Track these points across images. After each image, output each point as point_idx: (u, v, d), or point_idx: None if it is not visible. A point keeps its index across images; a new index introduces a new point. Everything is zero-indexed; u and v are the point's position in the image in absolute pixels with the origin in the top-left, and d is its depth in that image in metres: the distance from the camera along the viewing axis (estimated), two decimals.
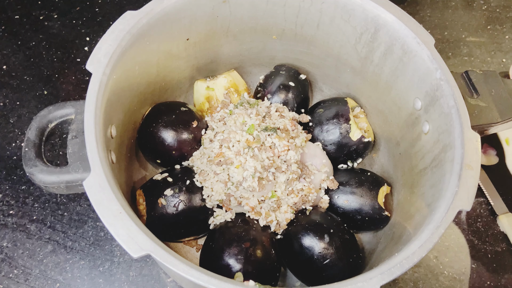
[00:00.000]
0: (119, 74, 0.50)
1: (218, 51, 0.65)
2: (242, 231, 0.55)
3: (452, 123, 0.49)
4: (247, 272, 0.51)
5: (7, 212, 0.65)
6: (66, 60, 0.79)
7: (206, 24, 0.59)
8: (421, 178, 0.54)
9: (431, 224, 0.43)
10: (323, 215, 0.57)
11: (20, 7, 0.83)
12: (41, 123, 0.48)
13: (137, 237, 0.40)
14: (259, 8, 0.60)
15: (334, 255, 0.54)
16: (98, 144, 0.44)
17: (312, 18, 0.60)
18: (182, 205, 0.56)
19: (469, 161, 0.46)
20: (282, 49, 0.67)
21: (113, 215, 0.40)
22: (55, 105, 0.49)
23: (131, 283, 0.62)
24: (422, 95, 0.55)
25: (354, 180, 0.60)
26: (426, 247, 0.41)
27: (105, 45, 0.48)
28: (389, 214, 0.59)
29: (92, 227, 0.65)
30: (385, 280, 0.40)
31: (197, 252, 0.61)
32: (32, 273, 0.61)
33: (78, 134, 0.47)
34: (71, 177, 0.44)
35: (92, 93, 0.46)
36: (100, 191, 0.41)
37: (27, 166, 0.45)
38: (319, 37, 0.63)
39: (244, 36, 0.64)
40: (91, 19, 0.83)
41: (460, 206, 0.44)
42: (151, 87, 0.60)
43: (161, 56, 0.58)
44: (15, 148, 0.70)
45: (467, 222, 0.69)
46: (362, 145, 0.64)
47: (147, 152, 0.62)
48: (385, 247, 0.57)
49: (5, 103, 0.74)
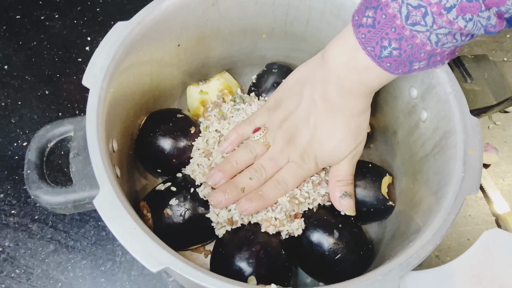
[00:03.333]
0: (115, 87, 0.49)
1: (209, 55, 0.65)
2: (250, 234, 0.54)
3: (451, 110, 0.50)
4: (259, 275, 0.51)
5: (9, 212, 0.65)
6: (67, 60, 0.79)
7: (197, 29, 0.59)
8: (423, 165, 0.55)
9: (441, 211, 0.44)
10: (329, 210, 0.58)
11: (21, 7, 0.83)
12: (40, 143, 0.47)
13: (154, 252, 0.39)
14: (248, 9, 0.59)
15: (345, 249, 0.54)
16: (104, 160, 0.43)
17: (302, 15, 0.60)
18: (188, 214, 0.55)
19: (471, 146, 0.47)
20: (272, 47, 0.67)
21: (128, 232, 0.40)
22: (52, 124, 0.48)
23: (132, 282, 0.62)
24: (417, 83, 0.55)
25: (357, 173, 0.60)
26: (439, 235, 0.42)
27: (99, 59, 0.48)
28: (393, 203, 0.60)
29: (94, 226, 0.65)
30: (404, 271, 0.40)
31: (205, 258, 0.61)
32: (34, 272, 0.61)
33: (79, 151, 0.46)
34: (78, 196, 0.44)
35: (92, 108, 0.45)
36: (112, 208, 0.41)
37: (32, 189, 0.44)
38: (310, 33, 0.63)
39: (234, 38, 0.63)
40: (92, 19, 0.83)
41: (468, 191, 0.45)
42: (145, 96, 0.60)
43: (154, 64, 0.57)
44: (16, 148, 0.70)
45: (468, 221, 0.70)
46: None
47: (147, 162, 0.61)
48: (392, 237, 0.57)
49: (6, 103, 0.74)
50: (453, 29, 0.39)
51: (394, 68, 0.44)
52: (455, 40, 0.41)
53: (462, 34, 0.41)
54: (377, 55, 0.44)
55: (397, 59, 0.43)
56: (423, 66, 0.44)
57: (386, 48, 0.43)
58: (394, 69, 0.44)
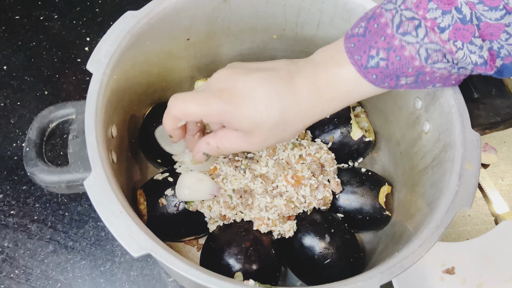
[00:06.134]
0: (119, 74, 0.50)
1: (218, 51, 0.65)
2: (242, 230, 0.55)
3: (452, 122, 0.49)
4: (247, 272, 0.51)
5: (8, 212, 0.66)
6: (66, 61, 0.79)
7: (207, 24, 0.59)
8: (422, 177, 0.54)
9: (431, 223, 0.43)
10: (323, 215, 0.57)
11: (20, 8, 0.84)
12: (42, 123, 0.48)
13: (137, 237, 0.40)
14: (259, 8, 0.60)
15: (335, 255, 0.54)
16: (99, 144, 0.44)
17: (313, 18, 0.60)
18: (183, 205, 0.56)
19: (469, 160, 0.46)
20: (282, 48, 0.67)
21: (114, 215, 0.40)
22: (56, 105, 0.49)
23: (132, 283, 0.62)
24: (422, 94, 0.55)
25: (355, 180, 0.60)
26: (426, 247, 0.42)
27: (105, 46, 0.49)
28: (390, 213, 0.59)
29: (93, 227, 0.65)
30: (385, 280, 0.40)
31: (198, 252, 0.61)
32: (33, 273, 0.62)
33: (79, 134, 0.47)
34: (72, 177, 0.45)
35: (92, 93, 0.46)
36: (101, 190, 0.41)
37: (28, 166, 0.45)
38: (320, 37, 0.63)
39: (244, 36, 0.64)
40: (92, 20, 0.83)
41: (460, 205, 0.44)
42: (152, 87, 0.60)
43: (162, 56, 0.58)
44: (16, 149, 0.70)
45: (468, 221, 0.69)
46: (363, 145, 0.64)
47: (148, 151, 0.62)
48: (385, 247, 0.57)
49: (5, 104, 0.74)
50: (444, 48, 0.38)
51: (380, 81, 0.42)
52: (446, 60, 0.39)
53: (454, 58, 0.39)
54: (363, 65, 0.41)
55: (384, 71, 0.41)
56: (410, 83, 0.42)
57: (373, 58, 0.41)
58: (380, 82, 0.42)
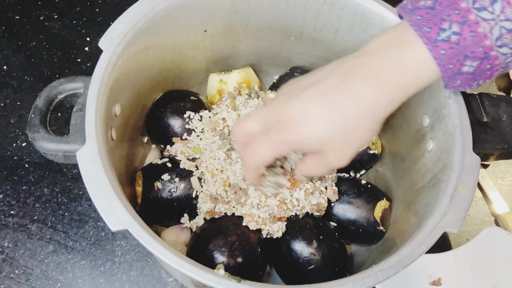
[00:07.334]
0: (130, 55, 0.51)
1: (235, 46, 0.66)
2: (231, 224, 0.55)
3: (454, 143, 0.48)
4: (229, 266, 0.51)
5: (8, 212, 0.66)
6: (66, 61, 0.79)
7: (225, 18, 0.60)
8: (419, 195, 0.53)
9: (414, 240, 0.42)
10: (315, 220, 0.57)
11: (20, 8, 0.84)
12: (50, 93, 0.50)
13: (118, 212, 0.41)
14: (279, 7, 0.60)
15: (320, 262, 0.53)
16: (97, 118, 0.45)
17: (331, 23, 0.60)
18: (177, 191, 0.56)
19: (464, 182, 0.45)
20: (299, 51, 0.67)
21: (100, 189, 0.42)
22: (66, 78, 0.51)
23: (132, 283, 0.62)
24: (430, 112, 0.54)
25: (353, 190, 0.59)
26: (403, 263, 0.41)
27: (119, 26, 0.50)
28: (384, 229, 0.58)
29: (93, 227, 0.66)
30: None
31: None
32: (33, 273, 0.62)
33: (83, 107, 0.48)
34: (69, 147, 0.46)
35: (99, 69, 0.47)
36: (91, 163, 0.43)
37: (30, 131, 0.47)
38: (337, 43, 0.63)
39: (262, 34, 0.64)
40: (92, 20, 0.84)
41: (447, 227, 0.43)
42: (164, 73, 0.62)
43: (177, 44, 0.59)
44: (15, 148, 0.71)
45: (467, 221, 0.70)
46: (367, 157, 0.63)
47: (153, 135, 0.64)
48: (373, 262, 0.55)
49: (5, 104, 0.75)
50: None
51: (447, 59, 0.37)
52: None
53: None
54: (433, 38, 0.37)
55: (455, 46, 0.37)
56: (471, 72, 0.38)
57: (445, 30, 0.37)
58: (447, 61, 0.37)
